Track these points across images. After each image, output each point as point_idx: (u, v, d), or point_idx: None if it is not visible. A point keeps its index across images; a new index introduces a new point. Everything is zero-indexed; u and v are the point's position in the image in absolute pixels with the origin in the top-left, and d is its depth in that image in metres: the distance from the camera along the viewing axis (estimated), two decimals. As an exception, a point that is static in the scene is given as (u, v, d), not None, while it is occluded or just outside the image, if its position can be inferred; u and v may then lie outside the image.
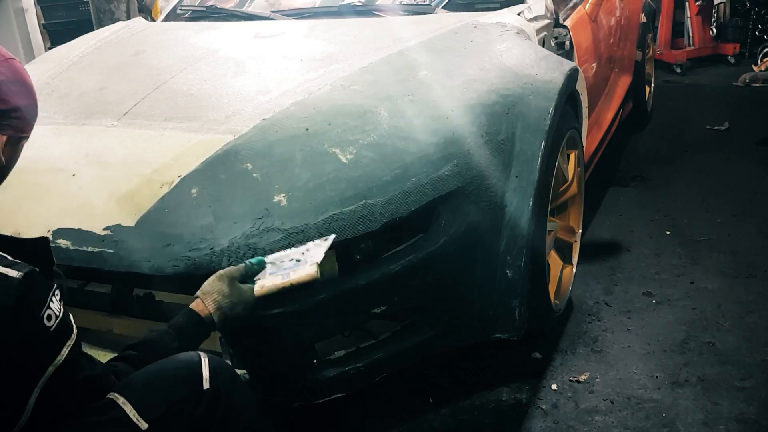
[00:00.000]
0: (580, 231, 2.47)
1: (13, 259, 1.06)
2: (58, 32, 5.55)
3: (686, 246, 2.78)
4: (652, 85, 4.57)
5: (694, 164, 3.70)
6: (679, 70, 5.86)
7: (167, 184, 1.65)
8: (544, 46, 2.39)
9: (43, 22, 5.58)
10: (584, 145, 2.52)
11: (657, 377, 2.00)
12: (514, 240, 1.79)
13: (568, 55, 2.57)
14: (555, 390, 1.98)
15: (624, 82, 3.74)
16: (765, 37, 5.93)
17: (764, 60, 5.57)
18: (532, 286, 1.87)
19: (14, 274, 1.02)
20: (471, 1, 2.58)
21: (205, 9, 2.90)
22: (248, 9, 2.82)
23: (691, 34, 6.09)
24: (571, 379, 2.02)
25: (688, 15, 6.07)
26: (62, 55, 2.53)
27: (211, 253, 1.52)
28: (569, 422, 1.85)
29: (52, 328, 1.05)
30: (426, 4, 2.54)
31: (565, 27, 2.57)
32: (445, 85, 1.90)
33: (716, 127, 4.27)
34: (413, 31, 2.25)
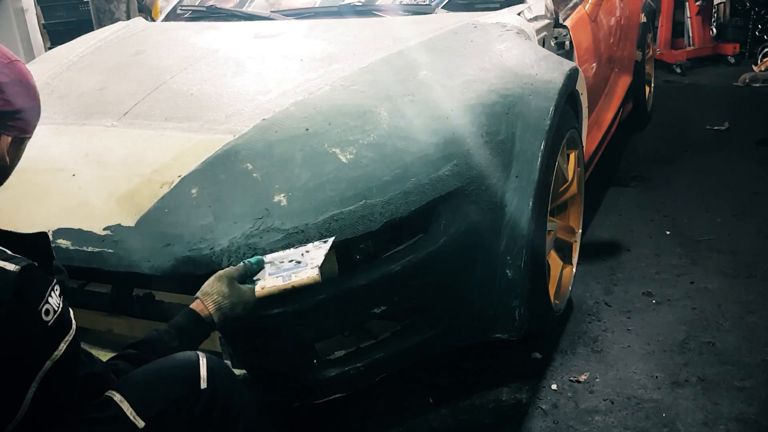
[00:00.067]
0: (580, 231, 2.46)
1: (12, 254, 1.06)
2: (58, 32, 5.55)
3: (686, 246, 2.78)
4: (652, 85, 4.57)
5: (694, 164, 3.70)
6: (679, 70, 5.86)
7: (167, 184, 1.65)
8: (544, 46, 2.39)
9: (43, 22, 5.58)
10: (584, 145, 2.52)
11: (657, 377, 2.00)
12: (514, 240, 1.79)
13: (568, 55, 2.57)
14: (555, 390, 1.98)
15: (624, 82, 3.74)
16: (765, 37, 5.93)
17: (764, 60, 5.57)
18: (532, 286, 1.87)
19: (12, 268, 1.02)
20: (471, 1, 2.58)
21: (205, 9, 2.90)
22: (248, 9, 2.82)
23: (691, 34, 6.09)
24: (571, 379, 2.02)
25: (688, 15, 6.07)
26: (62, 55, 2.53)
27: (211, 253, 1.52)
28: (569, 422, 1.85)
29: (50, 323, 1.04)
30: (426, 4, 2.53)
31: (565, 27, 2.57)
32: (445, 85, 1.91)
33: (716, 127, 4.27)
34: (413, 31, 2.25)
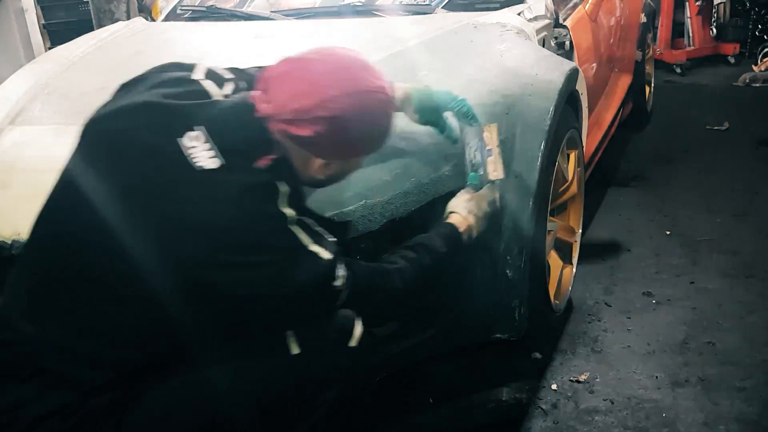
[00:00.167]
0: (580, 231, 2.46)
1: (318, 230, 1.27)
2: (58, 32, 5.54)
3: (686, 246, 2.78)
4: (652, 85, 4.57)
5: (694, 164, 3.70)
6: (679, 70, 5.85)
7: (167, 184, 1.64)
8: (544, 46, 2.39)
9: (43, 22, 5.57)
10: (584, 145, 2.52)
11: (657, 377, 2.00)
12: (514, 240, 1.79)
13: (568, 55, 2.57)
14: (555, 390, 1.98)
15: (624, 82, 3.74)
16: (765, 37, 5.92)
17: (764, 60, 5.57)
18: (532, 286, 1.87)
19: (326, 256, 1.24)
20: (471, 1, 2.58)
21: (205, 9, 2.90)
22: (248, 9, 2.81)
23: (691, 34, 6.08)
24: (571, 379, 2.02)
25: (688, 15, 6.05)
26: (62, 55, 2.52)
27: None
28: (569, 422, 1.85)
29: (339, 287, 1.27)
30: (426, 4, 2.53)
31: (565, 27, 2.57)
32: (445, 85, 1.90)
33: (716, 127, 4.27)
34: (413, 31, 2.25)
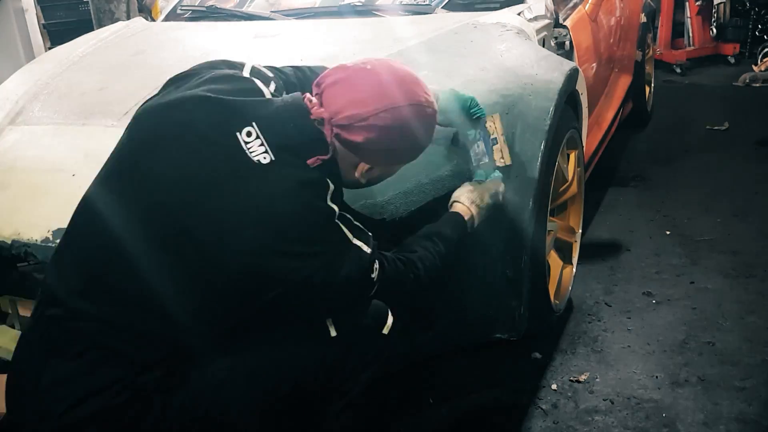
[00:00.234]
0: (580, 231, 2.46)
1: (359, 226, 1.30)
2: (58, 32, 5.54)
3: (686, 246, 2.78)
4: (652, 85, 4.57)
5: (694, 164, 3.70)
6: (679, 70, 5.85)
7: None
8: (544, 46, 2.39)
9: (43, 22, 5.56)
10: (584, 145, 2.51)
11: (657, 377, 2.00)
12: (514, 240, 1.79)
13: (568, 55, 2.57)
14: (555, 390, 1.98)
15: (624, 82, 3.74)
16: (765, 37, 5.93)
17: (764, 60, 5.57)
18: (532, 286, 1.87)
19: (366, 249, 1.27)
20: (471, 1, 2.58)
21: (205, 9, 2.90)
22: (248, 9, 2.81)
23: (691, 34, 6.08)
24: (571, 379, 2.02)
25: (688, 15, 6.06)
26: (62, 55, 2.53)
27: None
28: (569, 422, 1.85)
29: (376, 279, 1.30)
30: (426, 4, 2.53)
31: (565, 27, 2.57)
32: (445, 85, 1.90)
33: (716, 127, 4.27)
34: (413, 31, 2.25)
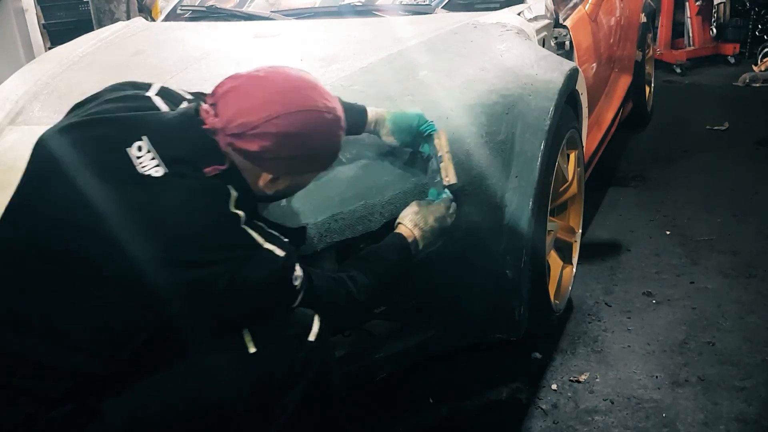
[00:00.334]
0: (580, 231, 2.46)
1: (271, 231, 1.28)
2: (58, 32, 5.54)
3: (686, 246, 2.78)
4: (652, 85, 4.57)
5: (694, 164, 3.70)
6: (679, 70, 5.85)
7: (167, 184, 1.64)
8: (544, 46, 2.39)
9: (43, 22, 5.56)
10: (584, 145, 2.52)
11: (657, 377, 2.00)
12: (514, 240, 1.79)
13: (568, 55, 2.57)
14: (555, 390, 1.98)
15: (624, 82, 3.74)
16: (765, 37, 5.92)
17: (764, 60, 5.57)
18: (532, 286, 1.87)
19: (280, 253, 1.25)
20: (471, 1, 2.58)
21: (205, 9, 2.90)
22: (248, 9, 2.81)
23: (691, 34, 6.08)
24: (571, 379, 2.02)
25: (688, 15, 6.06)
26: (62, 55, 2.52)
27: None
28: (569, 422, 1.85)
29: (298, 287, 1.29)
30: (426, 4, 2.53)
31: (565, 27, 2.57)
32: (444, 85, 1.90)
33: (716, 127, 4.27)
34: (413, 31, 2.25)
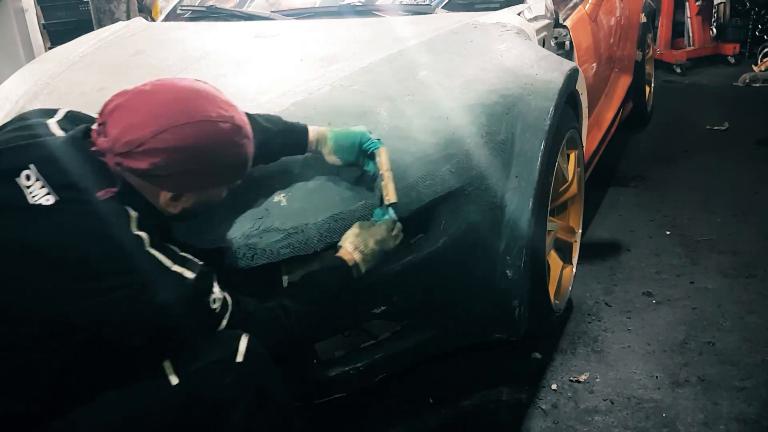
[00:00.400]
0: (580, 231, 2.46)
1: (184, 254, 1.24)
2: (58, 32, 5.54)
3: (686, 246, 2.78)
4: (652, 85, 4.57)
5: (694, 164, 3.70)
6: (679, 70, 5.85)
7: (167, 184, 1.64)
8: (544, 46, 2.39)
9: (43, 22, 5.57)
10: (584, 145, 2.52)
11: (657, 377, 2.00)
12: (514, 240, 1.79)
13: (568, 55, 2.57)
14: (555, 390, 1.98)
15: (624, 82, 3.74)
16: (765, 37, 5.92)
17: (764, 60, 5.56)
18: (532, 286, 1.87)
19: (189, 275, 1.21)
20: (471, 1, 2.58)
21: (205, 9, 2.90)
22: (248, 9, 2.81)
23: (691, 34, 6.08)
24: (571, 379, 2.02)
25: (688, 15, 6.06)
26: (62, 55, 2.53)
27: (211, 253, 1.52)
28: (569, 422, 1.85)
29: (217, 310, 1.25)
30: (426, 4, 2.53)
31: (565, 27, 2.57)
32: (445, 85, 1.90)
33: (716, 127, 4.27)
34: (413, 31, 2.25)
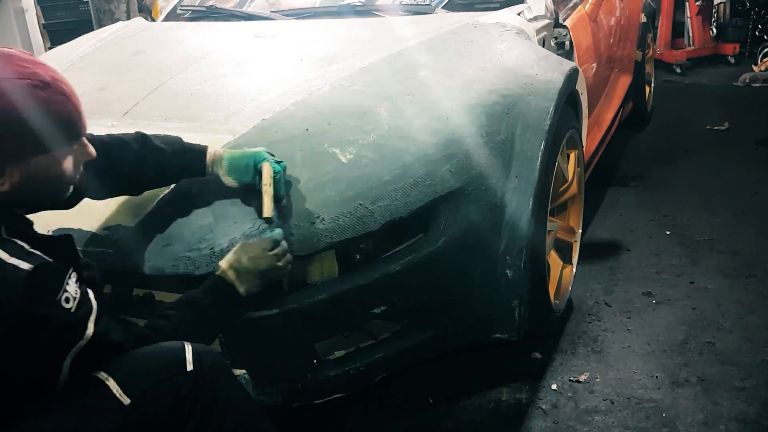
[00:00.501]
0: (580, 231, 2.46)
1: (31, 250, 1.14)
2: (58, 32, 5.55)
3: (686, 246, 2.78)
4: (652, 85, 4.57)
5: (694, 164, 3.70)
6: (679, 70, 5.86)
7: (167, 184, 1.65)
8: (544, 46, 2.39)
9: (43, 22, 5.58)
10: (584, 145, 2.52)
11: (657, 377, 2.00)
12: (514, 240, 1.79)
13: (568, 55, 2.57)
14: (555, 390, 1.98)
15: (624, 82, 3.74)
16: (765, 37, 5.93)
17: (764, 60, 5.57)
18: (532, 286, 1.87)
19: (25, 267, 1.10)
20: (471, 1, 2.58)
21: (205, 9, 2.90)
22: (248, 9, 2.81)
23: (691, 34, 6.08)
24: (571, 379, 2.02)
25: (688, 15, 6.06)
26: (62, 55, 2.53)
27: (210, 253, 1.52)
28: (569, 422, 1.85)
29: (73, 309, 1.15)
30: (426, 4, 2.53)
31: (565, 27, 2.57)
32: (445, 85, 1.91)
33: (716, 127, 4.27)
34: (413, 31, 2.25)
